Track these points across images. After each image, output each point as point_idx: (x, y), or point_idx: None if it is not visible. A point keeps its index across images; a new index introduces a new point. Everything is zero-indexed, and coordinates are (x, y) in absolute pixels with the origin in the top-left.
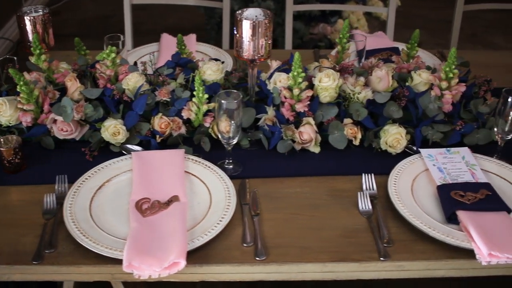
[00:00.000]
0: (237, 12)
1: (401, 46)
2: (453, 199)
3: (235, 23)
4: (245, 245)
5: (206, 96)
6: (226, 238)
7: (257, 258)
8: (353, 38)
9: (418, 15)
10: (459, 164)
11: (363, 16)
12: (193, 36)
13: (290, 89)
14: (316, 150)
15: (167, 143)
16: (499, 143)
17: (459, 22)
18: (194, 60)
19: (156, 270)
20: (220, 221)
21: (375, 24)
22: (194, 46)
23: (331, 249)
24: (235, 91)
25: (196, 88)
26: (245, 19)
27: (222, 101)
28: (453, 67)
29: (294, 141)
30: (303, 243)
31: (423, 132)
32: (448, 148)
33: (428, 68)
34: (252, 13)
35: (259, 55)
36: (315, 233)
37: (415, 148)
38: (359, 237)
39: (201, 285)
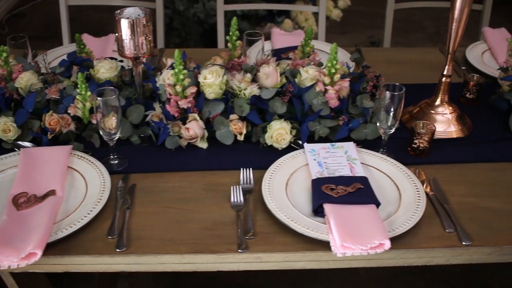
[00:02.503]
0: (116, 12)
1: (323, 44)
2: (323, 192)
3: (115, 22)
4: (109, 237)
5: (89, 93)
6: (94, 230)
7: (117, 250)
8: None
9: (381, 15)
10: (340, 159)
11: (312, 15)
12: (112, 36)
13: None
14: (204, 145)
15: (59, 139)
16: (383, 137)
17: (390, 20)
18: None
19: (14, 260)
20: (88, 214)
21: (326, 23)
22: (112, 45)
23: (192, 241)
24: (111, 87)
25: (79, 86)
26: (123, 18)
27: (98, 98)
28: (335, 62)
29: (181, 137)
30: (166, 235)
31: (310, 128)
32: (333, 143)
33: (320, 64)
34: (131, 12)
35: (141, 53)
36: (180, 225)
37: (300, 143)
38: (224, 229)
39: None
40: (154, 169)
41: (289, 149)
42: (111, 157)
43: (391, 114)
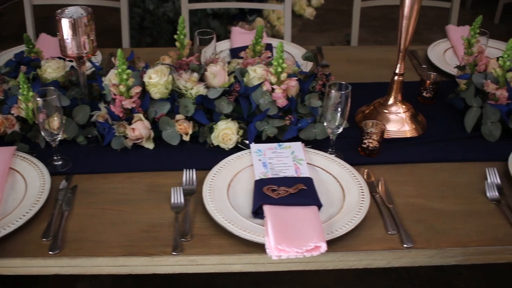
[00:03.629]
0: (57, 11)
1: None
2: (263, 193)
3: (56, 22)
4: (44, 239)
5: (31, 93)
6: (30, 232)
7: (50, 252)
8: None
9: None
10: (286, 159)
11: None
12: None
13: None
14: (150, 146)
15: (5, 140)
16: (331, 137)
17: (357, 18)
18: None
19: None
20: (24, 215)
21: (298, 22)
22: None
23: (127, 244)
24: (52, 88)
25: (21, 86)
26: (64, 17)
27: (38, 99)
28: (281, 61)
29: (127, 138)
30: (101, 238)
31: (258, 127)
32: (280, 143)
33: (269, 63)
34: (73, 11)
35: (84, 53)
36: (117, 227)
37: (247, 143)
38: (161, 231)
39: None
40: (98, 170)
41: (237, 149)
42: (55, 158)
43: (338, 113)
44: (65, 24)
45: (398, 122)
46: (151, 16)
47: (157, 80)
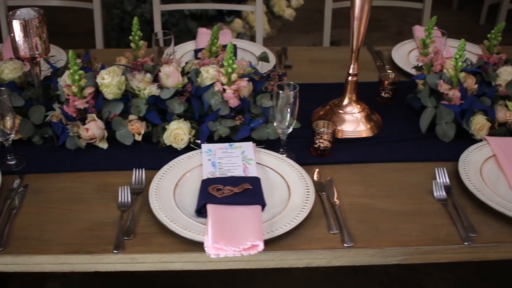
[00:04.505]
0: (9, 13)
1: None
2: (208, 193)
3: (8, 23)
4: None
5: None
6: None
7: None
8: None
9: (346, 14)
10: (236, 159)
11: (264, 15)
12: None
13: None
14: (104, 145)
15: None
16: (281, 137)
17: (329, 19)
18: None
19: None
20: None
21: (277, 23)
22: None
23: (69, 242)
24: (2, 88)
25: None
26: (15, 19)
27: None
28: (231, 62)
29: (81, 137)
30: (44, 236)
31: (211, 127)
32: (231, 143)
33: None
34: (24, 13)
35: (37, 54)
36: (62, 226)
37: (199, 142)
38: (105, 230)
39: None
40: (51, 169)
41: (190, 149)
42: (8, 157)
43: (288, 113)
44: (16, 25)
45: (353, 122)
46: (130, 17)
47: (109, 80)
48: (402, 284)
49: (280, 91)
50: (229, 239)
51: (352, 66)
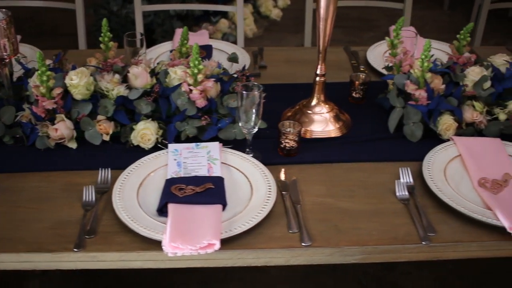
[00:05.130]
0: None
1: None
2: (170, 192)
3: None
4: None
5: None
6: None
7: None
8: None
9: (338, 14)
10: (201, 159)
11: (250, 15)
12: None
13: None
14: (73, 145)
15: None
16: (247, 137)
17: (310, 20)
18: None
19: None
20: None
21: (264, 23)
22: None
23: (32, 240)
24: None
25: None
26: None
27: None
28: (197, 63)
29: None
30: (7, 234)
31: (179, 128)
32: (198, 143)
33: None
34: None
35: (5, 55)
36: (25, 224)
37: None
38: (67, 229)
39: None
40: (21, 169)
41: (159, 149)
42: None
43: (253, 114)
44: None
45: (322, 122)
46: (116, 17)
47: (77, 81)
48: (380, 283)
49: (244, 92)
50: (186, 238)
51: (319, 66)
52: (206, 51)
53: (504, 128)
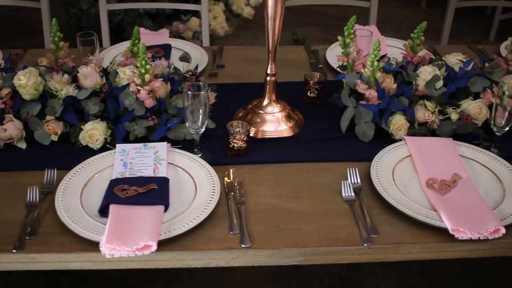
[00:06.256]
0: None
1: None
2: (112, 193)
3: None
4: None
5: None
6: None
7: None
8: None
9: (316, 12)
10: (148, 159)
11: (222, 13)
12: None
13: None
14: (23, 145)
15: None
16: (194, 138)
17: None
18: None
19: None
20: None
21: (236, 21)
22: None
23: None
24: None
25: None
26: None
27: None
28: (144, 62)
29: None
30: None
31: (128, 128)
32: (146, 143)
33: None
34: None
35: None
36: None
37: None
38: (8, 229)
39: None
40: None
41: (108, 149)
42: None
43: (199, 114)
44: None
45: (274, 122)
46: (87, 16)
47: (25, 81)
48: (344, 283)
49: (189, 92)
50: (123, 239)
51: (269, 66)
52: (164, 51)
53: (457, 128)
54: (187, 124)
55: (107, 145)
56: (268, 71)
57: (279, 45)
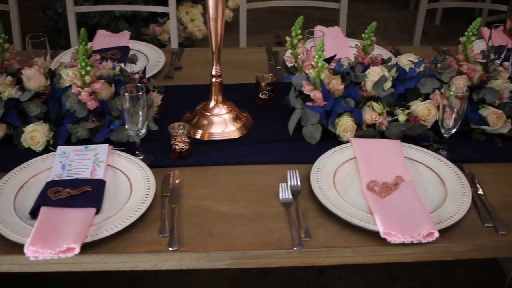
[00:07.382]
0: None
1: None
2: (45, 195)
3: None
4: None
5: None
6: None
7: None
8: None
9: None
10: (87, 161)
11: (200, 16)
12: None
13: None
14: None
15: None
16: (135, 140)
17: (244, 20)
18: None
19: None
20: None
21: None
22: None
23: None
24: None
25: None
26: None
27: None
28: (84, 64)
29: None
30: None
31: (70, 130)
32: (87, 146)
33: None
34: None
35: None
36: None
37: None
38: None
39: None
40: None
41: (51, 151)
42: None
43: (138, 116)
44: None
45: (221, 123)
46: (63, 18)
47: None
48: (309, 287)
49: (127, 94)
50: (48, 242)
51: (214, 67)
52: (121, 52)
53: (406, 130)
54: (126, 126)
55: (50, 147)
56: (213, 72)
57: (245, 47)
